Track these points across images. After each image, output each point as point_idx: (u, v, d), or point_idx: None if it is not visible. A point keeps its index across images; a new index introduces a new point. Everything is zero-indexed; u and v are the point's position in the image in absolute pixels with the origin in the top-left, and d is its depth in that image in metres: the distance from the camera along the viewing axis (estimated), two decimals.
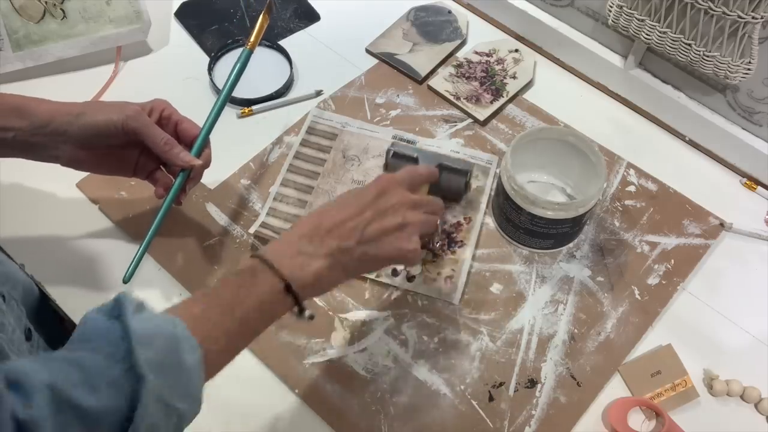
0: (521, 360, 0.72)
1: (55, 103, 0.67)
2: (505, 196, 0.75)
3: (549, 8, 0.95)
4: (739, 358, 0.74)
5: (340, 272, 0.58)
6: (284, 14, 1.01)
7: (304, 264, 0.56)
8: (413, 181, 0.65)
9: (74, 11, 0.89)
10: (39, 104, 0.66)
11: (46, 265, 0.76)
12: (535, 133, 0.77)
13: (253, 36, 0.75)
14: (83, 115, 0.66)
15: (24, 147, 0.66)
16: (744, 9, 0.71)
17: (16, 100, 0.66)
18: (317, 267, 0.56)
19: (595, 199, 0.74)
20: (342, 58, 0.97)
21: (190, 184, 0.72)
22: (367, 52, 0.98)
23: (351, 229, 0.58)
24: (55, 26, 0.89)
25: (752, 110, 0.83)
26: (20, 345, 0.61)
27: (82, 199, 0.81)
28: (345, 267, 0.58)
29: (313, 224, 0.58)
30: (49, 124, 0.65)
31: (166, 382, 0.45)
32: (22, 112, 0.65)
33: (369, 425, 0.68)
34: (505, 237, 0.80)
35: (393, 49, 0.97)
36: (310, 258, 0.56)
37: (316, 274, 0.56)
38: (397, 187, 0.62)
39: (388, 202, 0.61)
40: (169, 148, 0.68)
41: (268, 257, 0.55)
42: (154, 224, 0.71)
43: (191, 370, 0.47)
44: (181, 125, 0.71)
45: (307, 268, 0.56)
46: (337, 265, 0.57)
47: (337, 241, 0.57)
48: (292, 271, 0.55)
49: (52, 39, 0.89)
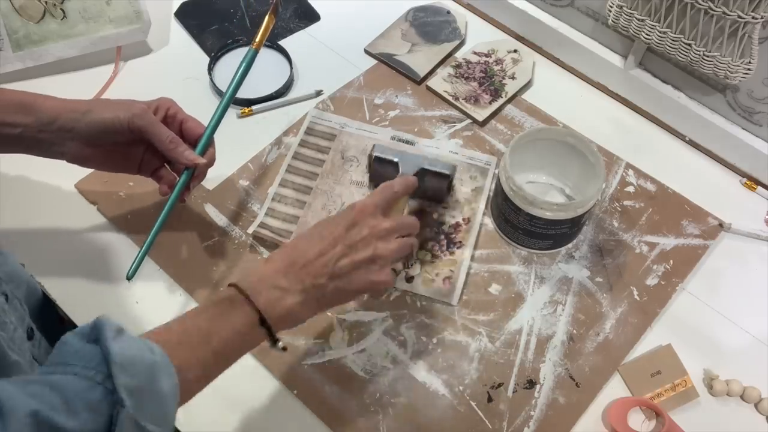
0: (520, 361, 0.72)
1: (62, 100, 0.67)
2: (503, 196, 0.75)
3: (549, 8, 0.95)
4: (738, 358, 0.74)
5: (314, 306, 0.60)
6: (284, 14, 1.01)
7: (279, 298, 0.57)
8: (388, 201, 0.66)
9: (74, 11, 0.89)
10: (46, 101, 0.67)
11: (45, 264, 0.76)
12: (533, 134, 0.77)
13: (259, 35, 0.76)
14: (90, 113, 0.67)
15: (30, 143, 0.67)
16: (744, 9, 0.71)
17: (24, 97, 0.66)
18: (291, 302, 0.58)
19: (594, 199, 0.74)
20: (342, 59, 0.97)
21: (194, 182, 0.73)
22: (366, 53, 0.98)
23: (323, 264, 0.59)
24: (55, 26, 0.89)
25: (752, 110, 0.83)
26: (21, 344, 0.61)
27: (82, 200, 0.82)
28: (318, 301, 0.60)
29: (288, 260, 0.59)
30: (56, 121, 0.66)
31: (142, 407, 0.45)
32: (30, 108, 0.66)
33: (368, 426, 0.68)
34: (504, 238, 0.80)
35: (392, 50, 0.97)
36: (285, 293, 0.58)
37: (289, 308, 0.57)
38: (368, 218, 0.63)
39: (358, 235, 0.61)
40: (174, 147, 0.69)
41: (245, 289, 0.57)
42: (159, 220, 0.71)
43: (167, 396, 0.48)
44: (186, 124, 0.72)
45: (281, 302, 0.57)
46: (311, 300, 0.59)
47: (311, 277, 0.59)
48: (267, 305, 0.56)
49: (52, 39, 0.89)
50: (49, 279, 0.75)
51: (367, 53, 0.98)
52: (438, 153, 0.86)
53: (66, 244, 0.78)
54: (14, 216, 0.79)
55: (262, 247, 0.79)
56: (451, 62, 0.96)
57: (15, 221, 0.79)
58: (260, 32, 0.76)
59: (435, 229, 0.80)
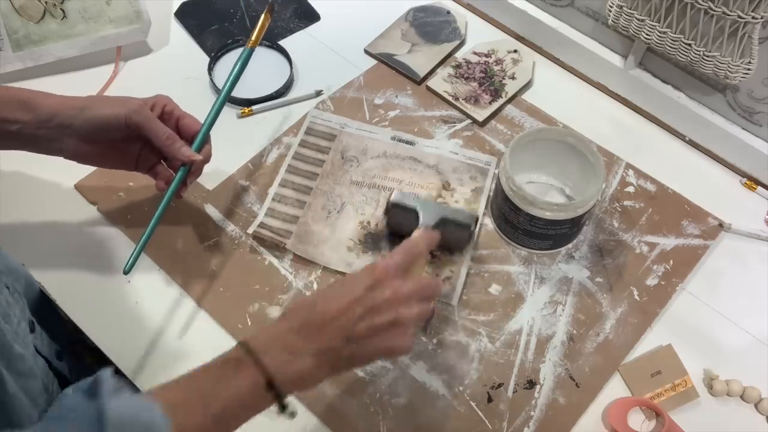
0: (520, 361, 0.72)
1: (60, 97, 0.68)
2: (503, 196, 0.74)
3: (549, 8, 0.95)
4: (738, 358, 0.74)
5: (327, 370, 0.55)
6: (284, 14, 1.01)
7: (290, 361, 0.53)
8: (411, 260, 0.61)
9: (74, 11, 0.89)
10: (44, 98, 0.67)
11: (44, 262, 0.76)
12: (533, 134, 0.77)
13: (254, 34, 0.76)
14: (87, 109, 0.67)
15: (29, 140, 0.67)
16: (744, 9, 0.71)
17: (23, 94, 0.67)
18: (303, 365, 0.53)
19: (594, 199, 0.74)
20: (342, 59, 0.97)
21: (190, 178, 0.73)
22: (366, 53, 0.98)
23: (340, 327, 0.55)
24: (55, 26, 0.89)
25: (752, 110, 0.83)
26: (25, 337, 0.62)
27: (81, 200, 0.81)
28: (332, 365, 0.55)
29: (303, 318, 0.55)
30: (54, 118, 0.66)
31: None
32: (28, 105, 0.66)
33: (368, 426, 0.68)
34: (504, 238, 0.80)
35: (392, 50, 0.97)
36: (297, 356, 0.53)
37: (300, 372, 0.53)
38: (391, 279, 0.57)
39: (380, 297, 0.56)
40: (171, 143, 0.69)
41: (254, 348, 0.53)
42: (156, 214, 0.71)
43: None
44: (183, 121, 0.72)
45: (293, 365, 0.53)
46: (324, 365, 0.54)
47: (327, 340, 0.54)
48: (277, 368, 0.52)
49: (52, 39, 0.89)
50: (48, 277, 0.75)
51: (367, 53, 0.98)
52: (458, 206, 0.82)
53: (65, 243, 0.78)
54: (13, 214, 0.79)
55: (262, 248, 0.79)
56: (451, 62, 0.96)
57: (14, 219, 0.79)
58: (255, 31, 0.76)
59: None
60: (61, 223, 0.80)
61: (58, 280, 0.75)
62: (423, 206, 0.74)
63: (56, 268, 0.76)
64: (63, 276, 0.76)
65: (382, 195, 0.82)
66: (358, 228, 0.80)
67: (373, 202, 0.82)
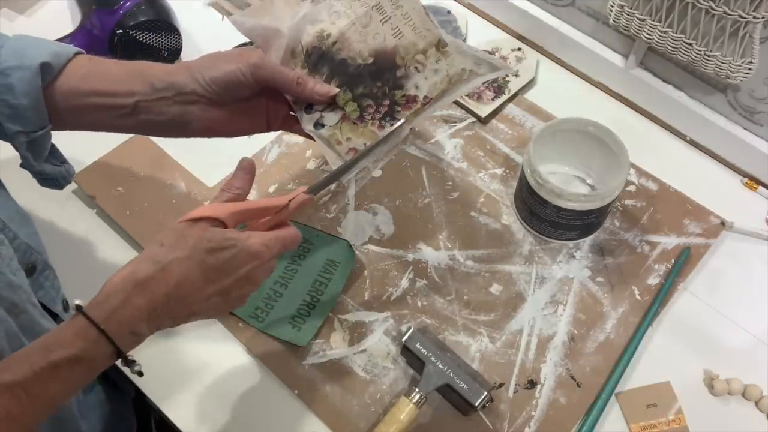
0: (521, 361, 0.72)
1: (167, 64, 0.63)
2: (529, 189, 0.75)
3: (549, 7, 0.95)
4: (739, 357, 0.73)
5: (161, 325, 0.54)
6: None
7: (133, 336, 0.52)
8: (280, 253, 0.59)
9: None
10: (153, 67, 0.62)
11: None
12: (556, 125, 0.77)
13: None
14: (207, 69, 0.61)
15: (149, 114, 0.61)
16: (745, 9, 0.71)
17: (130, 66, 0.61)
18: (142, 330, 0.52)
19: (620, 188, 0.74)
20: None
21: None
22: None
23: (193, 303, 0.55)
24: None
25: (753, 110, 0.83)
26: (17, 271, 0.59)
27: (80, 193, 0.82)
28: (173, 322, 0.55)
29: (160, 301, 0.53)
30: (172, 85, 0.60)
31: None
32: (140, 75, 0.60)
33: (368, 426, 0.68)
34: (531, 231, 0.80)
35: None
36: (140, 335, 0.53)
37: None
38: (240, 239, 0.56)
39: (229, 260, 0.55)
40: (302, 87, 0.63)
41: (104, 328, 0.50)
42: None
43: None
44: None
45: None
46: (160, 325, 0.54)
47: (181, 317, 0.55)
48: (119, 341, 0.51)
49: None
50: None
51: None
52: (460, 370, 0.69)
53: (63, 235, 0.78)
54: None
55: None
56: None
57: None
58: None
59: (384, 87, 0.65)
60: (60, 219, 0.80)
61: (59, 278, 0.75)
62: (433, 363, 0.67)
63: (55, 266, 0.76)
64: (62, 275, 0.75)
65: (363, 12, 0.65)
66: (315, 35, 0.65)
67: (346, 18, 0.65)
